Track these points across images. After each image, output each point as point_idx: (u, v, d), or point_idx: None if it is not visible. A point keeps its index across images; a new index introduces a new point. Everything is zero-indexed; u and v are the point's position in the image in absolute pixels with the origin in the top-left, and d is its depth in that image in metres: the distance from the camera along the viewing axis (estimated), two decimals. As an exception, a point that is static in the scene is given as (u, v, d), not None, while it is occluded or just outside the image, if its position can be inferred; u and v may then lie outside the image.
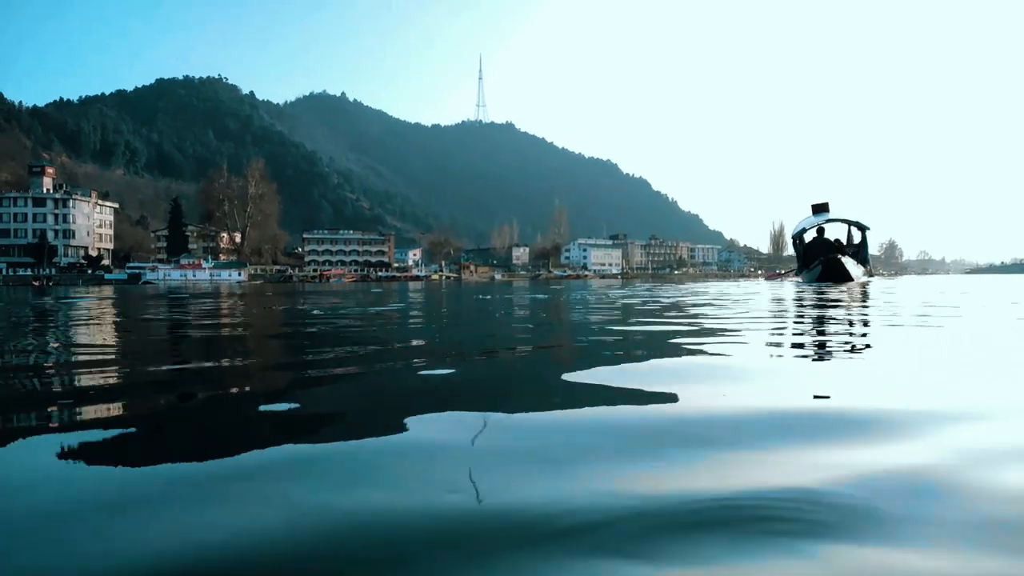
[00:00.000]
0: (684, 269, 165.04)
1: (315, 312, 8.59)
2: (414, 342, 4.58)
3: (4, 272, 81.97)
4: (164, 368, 3.33)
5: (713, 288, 19.42)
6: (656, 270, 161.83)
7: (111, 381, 2.91)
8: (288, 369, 3.31)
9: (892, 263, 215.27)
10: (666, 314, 6.82)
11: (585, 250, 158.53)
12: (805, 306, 8.56)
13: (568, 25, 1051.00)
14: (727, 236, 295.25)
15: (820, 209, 29.01)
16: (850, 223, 28.44)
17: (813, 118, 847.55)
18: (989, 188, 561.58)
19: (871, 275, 29.52)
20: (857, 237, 28.22)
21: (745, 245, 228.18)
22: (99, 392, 2.57)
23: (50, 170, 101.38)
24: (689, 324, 5.44)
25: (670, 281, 51.07)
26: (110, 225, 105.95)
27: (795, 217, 31.17)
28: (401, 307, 9.93)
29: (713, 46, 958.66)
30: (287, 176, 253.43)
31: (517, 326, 6.24)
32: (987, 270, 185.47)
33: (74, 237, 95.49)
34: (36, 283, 70.71)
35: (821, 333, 4.78)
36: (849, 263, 23.31)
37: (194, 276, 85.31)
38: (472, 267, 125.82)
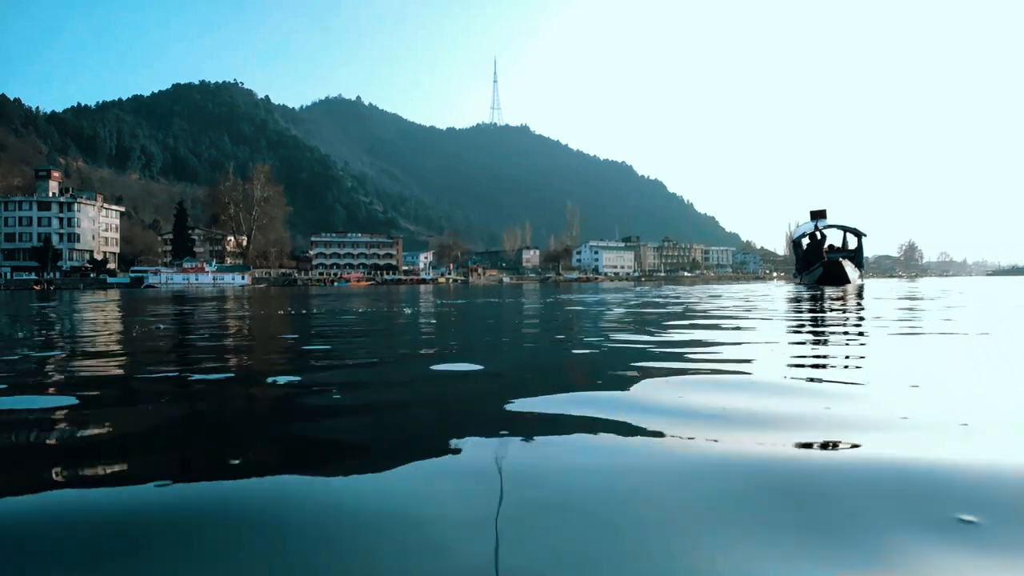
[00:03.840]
0: (698, 271, 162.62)
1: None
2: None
3: (7, 276, 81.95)
4: None
5: (732, 290, 18.78)
6: (669, 272, 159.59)
7: None
8: None
9: (912, 265, 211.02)
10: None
11: (597, 252, 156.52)
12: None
13: (583, 27, 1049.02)
14: (744, 238, 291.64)
15: (818, 215, 30.91)
16: (847, 229, 30.19)
17: (833, 119, 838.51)
18: (1012, 189, 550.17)
19: (863, 279, 31.04)
20: (852, 243, 29.95)
21: (762, 247, 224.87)
22: None
23: (56, 174, 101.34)
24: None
25: (684, 283, 49.92)
26: (116, 229, 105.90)
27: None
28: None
29: (731, 48, 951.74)
30: (301, 180, 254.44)
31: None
32: (1010, 272, 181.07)
33: (79, 241, 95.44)
34: (38, 287, 70.42)
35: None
36: (848, 266, 24.47)
37: (197, 280, 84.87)
38: (480, 270, 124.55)
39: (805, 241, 30.18)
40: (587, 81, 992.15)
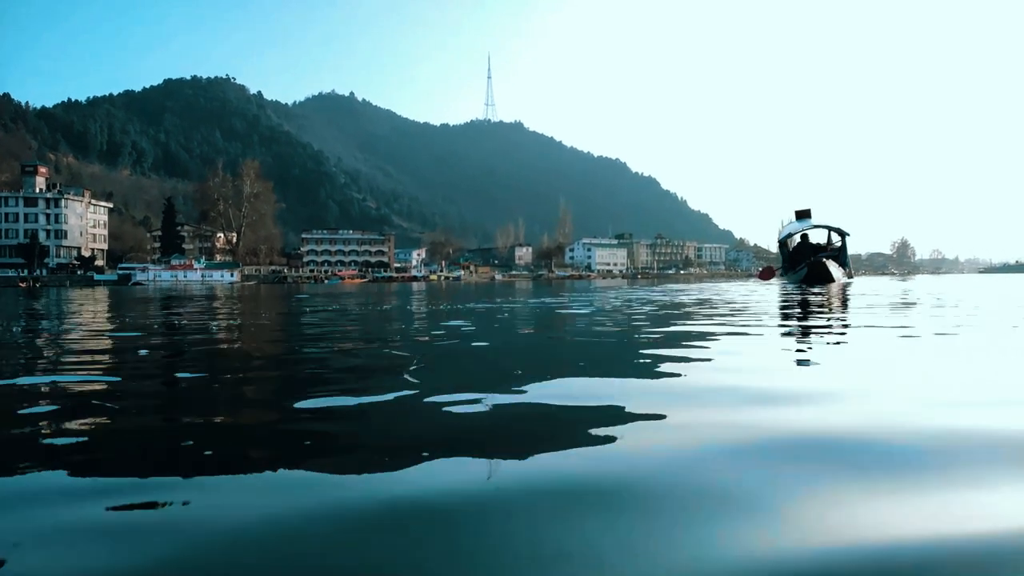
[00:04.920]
0: (690, 269, 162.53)
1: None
2: None
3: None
4: None
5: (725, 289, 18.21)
6: (662, 270, 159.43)
7: None
8: None
9: (904, 262, 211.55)
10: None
11: (590, 250, 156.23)
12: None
13: (578, 24, 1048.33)
14: (737, 235, 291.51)
15: (803, 215, 30.96)
16: (831, 229, 30.25)
17: (827, 117, 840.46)
18: (1004, 187, 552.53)
19: (851, 277, 31.26)
20: (838, 242, 29.96)
21: (755, 244, 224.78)
22: None
23: (43, 169, 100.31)
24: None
25: (676, 281, 49.34)
26: (104, 225, 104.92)
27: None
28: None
29: (724, 45, 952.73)
30: (294, 176, 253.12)
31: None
32: (1001, 269, 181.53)
33: (66, 237, 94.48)
34: (23, 284, 69.70)
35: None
36: (832, 266, 24.46)
37: (185, 277, 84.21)
38: (473, 267, 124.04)
39: (791, 241, 30.54)
40: (581, 78, 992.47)
